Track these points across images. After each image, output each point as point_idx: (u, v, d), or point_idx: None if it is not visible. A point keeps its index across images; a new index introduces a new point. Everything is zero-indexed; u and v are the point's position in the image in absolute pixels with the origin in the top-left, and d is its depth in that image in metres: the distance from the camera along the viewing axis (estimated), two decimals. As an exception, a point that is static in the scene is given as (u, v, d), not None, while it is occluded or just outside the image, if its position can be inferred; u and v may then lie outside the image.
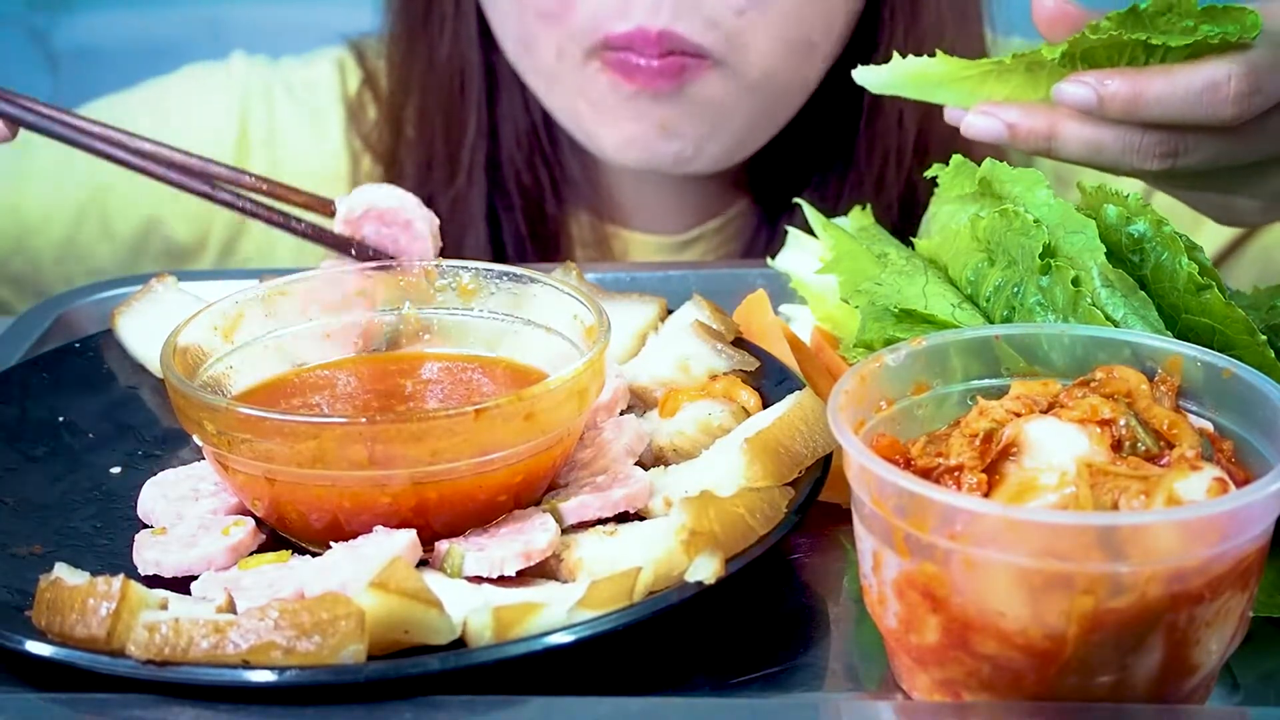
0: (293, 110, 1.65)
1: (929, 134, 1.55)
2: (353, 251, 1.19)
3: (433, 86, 1.58)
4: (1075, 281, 0.97)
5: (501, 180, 1.59)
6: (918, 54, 1.13)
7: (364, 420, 0.94)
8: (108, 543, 1.01)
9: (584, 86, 1.46)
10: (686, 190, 1.63)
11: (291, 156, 1.64)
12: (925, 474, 0.87)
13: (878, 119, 1.55)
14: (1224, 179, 1.13)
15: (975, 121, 1.10)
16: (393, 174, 1.61)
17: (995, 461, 0.87)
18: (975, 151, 1.13)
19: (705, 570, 0.89)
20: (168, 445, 1.12)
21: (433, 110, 1.58)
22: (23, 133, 1.19)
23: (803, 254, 1.21)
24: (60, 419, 1.13)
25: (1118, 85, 1.06)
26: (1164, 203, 1.46)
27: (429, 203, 1.57)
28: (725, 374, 1.10)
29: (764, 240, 1.61)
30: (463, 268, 1.12)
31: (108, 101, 1.66)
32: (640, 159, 1.49)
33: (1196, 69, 1.05)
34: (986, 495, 0.86)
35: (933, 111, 1.17)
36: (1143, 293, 0.98)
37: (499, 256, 1.59)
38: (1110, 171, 1.12)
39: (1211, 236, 1.58)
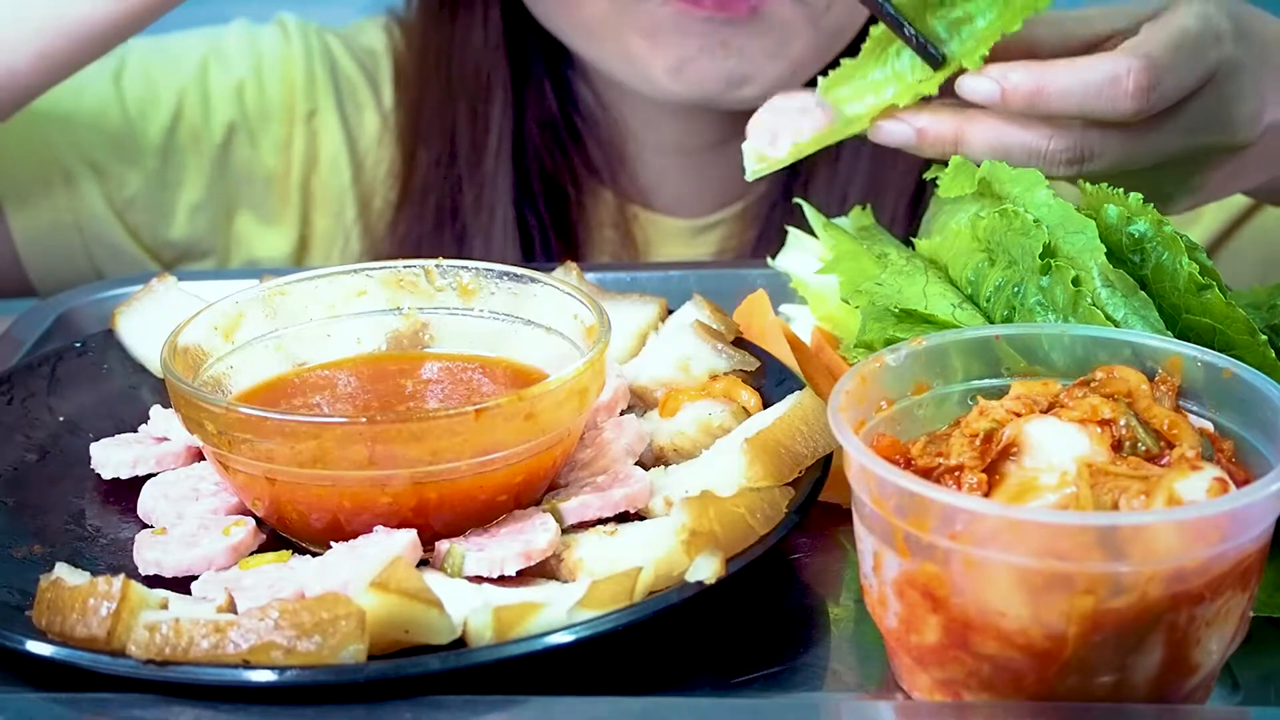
0: (356, 70, 1.66)
1: None
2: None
3: (458, 72, 1.58)
4: (1076, 281, 0.97)
5: (524, 166, 1.60)
6: None
7: (364, 420, 0.94)
8: (108, 543, 1.01)
9: (640, 21, 1.44)
10: (710, 170, 1.63)
11: (356, 113, 1.65)
12: (925, 474, 0.87)
13: None
14: (1139, 178, 1.12)
15: (885, 126, 1.11)
16: (414, 143, 1.61)
17: (995, 461, 0.87)
18: None
19: (705, 570, 0.89)
20: (168, 445, 1.12)
21: (457, 95, 1.58)
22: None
23: (803, 254, 1.21)
24: (60, 419, 1.13)
25: (1020, 78, 1.06)
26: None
27: (455, 189, 1.58)
28: (725, 374, 1.10)
29: (777, 229, 1.61)
30: (463, 268, 1.12)
31: (181, 32, 1.67)
32: (693, 84, 1.46)
33: (1098, 63, 1.06)
34: (987, 495, 0.86)
35: None
36: (1143, 293, 0.98)
37: (526, 241, 1.60)
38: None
39: (1208, 224, 1.59)
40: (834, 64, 1.19)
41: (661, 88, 1.48)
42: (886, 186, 1.56)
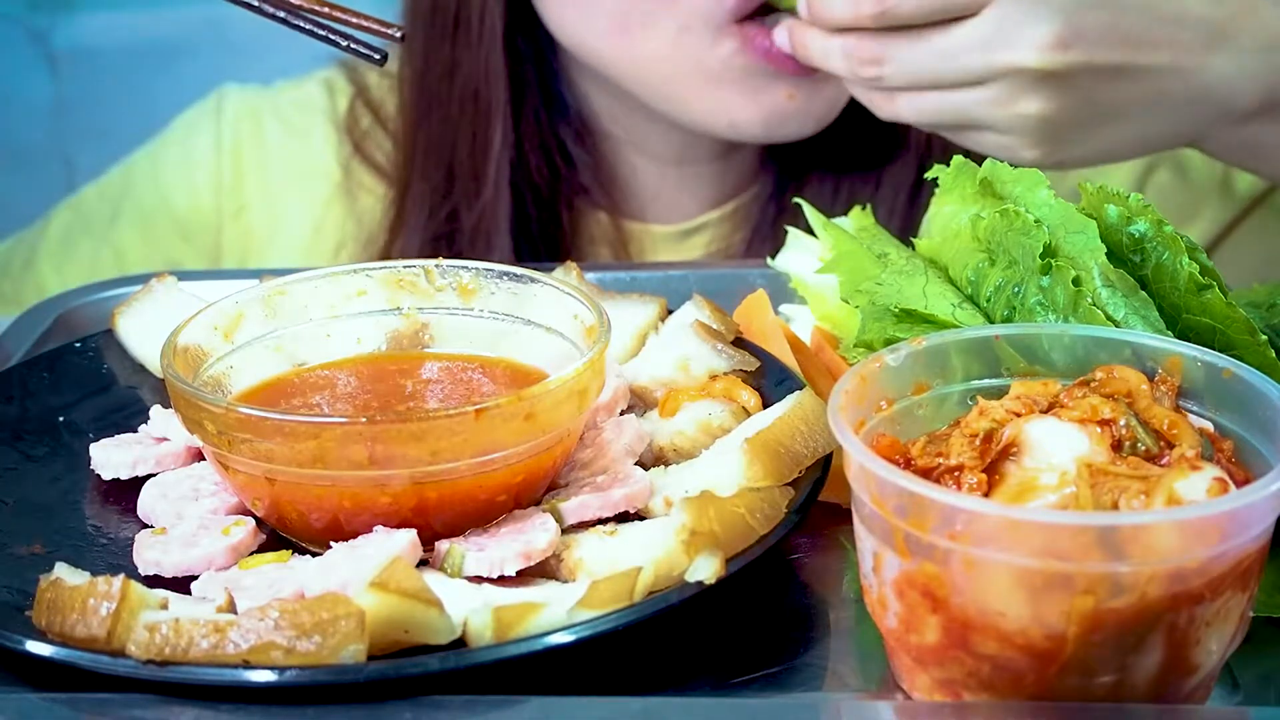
0: (283, 135, 1.67)
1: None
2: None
3: (456, 97, 1.56)
4: (1076, 281, 0.97)
5: (521, 192, 1.58)
6: None
7: (364, 420, 0.94)
8: (108, 543, 1.01)
9: (707, 64, 1.43)
10: (696, 179, 1.63)
11: (283, 180, 1.67)
12: (925, 474, 0.87)
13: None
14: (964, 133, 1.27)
15: (778, 34, 1.35)
16: (399, 187, 1.61)
17: (995, 461, 0.87)
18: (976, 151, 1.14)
19: (705, 570, 0.89)
20: (168, 445, 1.12)
21: (455, 121, 1.56)
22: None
23: (803, 254, 1.21)
24: (60, 419, 1.13)
25: None
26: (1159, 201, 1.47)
27: (451, 216, 1.57)
28: (725, 374, 1.10)
29: (768, 229, 1.61)
30: (463, 268, 1.12)
31: (116, 171, 1.71)
32: (777, 132, 1.47)
33: None
34: (986, 495, 0.86)
35: None
36: (1143, 292, 0.98)
37: (519, 261, 1.59)
38: (849, 86, 1.31)
39: (1207, 225, 1.59)
40: None
41: (721, 134, 1.48)
42: (882, 182, 1.56)
